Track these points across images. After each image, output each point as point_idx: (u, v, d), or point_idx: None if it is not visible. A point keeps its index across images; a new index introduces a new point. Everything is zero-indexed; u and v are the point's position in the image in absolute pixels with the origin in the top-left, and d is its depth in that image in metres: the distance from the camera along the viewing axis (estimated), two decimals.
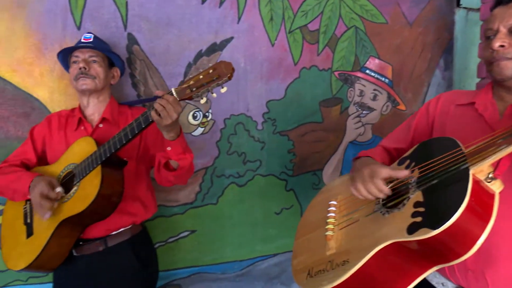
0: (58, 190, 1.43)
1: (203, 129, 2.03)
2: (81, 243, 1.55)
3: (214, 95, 1.31)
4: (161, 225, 2.01)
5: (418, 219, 1.04)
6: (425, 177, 1.08)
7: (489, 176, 1.01)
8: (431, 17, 2.36)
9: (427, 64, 2.40)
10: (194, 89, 1.27)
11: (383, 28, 2.26)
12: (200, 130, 2.02)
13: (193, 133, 2.01)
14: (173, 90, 1.30)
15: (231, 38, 1.97)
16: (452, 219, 0.94)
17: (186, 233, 2.10)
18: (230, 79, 1.25)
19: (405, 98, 2.38)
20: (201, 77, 1.27)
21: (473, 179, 0.98)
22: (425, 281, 1.25)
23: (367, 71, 2.28)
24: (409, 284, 1.09)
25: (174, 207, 2.06)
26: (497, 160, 1.00)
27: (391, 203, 1.16)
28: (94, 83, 1.56)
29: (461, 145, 1.05)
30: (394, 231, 1.07)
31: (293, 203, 2.27)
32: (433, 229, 0.98)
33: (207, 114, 2.02)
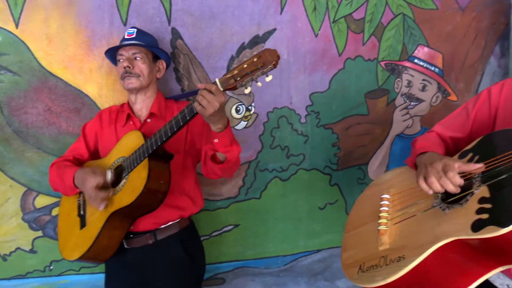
0: (108, 175, 1.46)
1: (246, 122, 2.01)
2: (131, 236, 1.58)
3: (258, 84, 1.28)
4: (205, 219, 2.03)
5: (484, 216, 0.98)
6: (492, 171, 1.01)
7: None
8: (486, 1, 2.21)
9: (481, 51, 2.25)
10: (238, 79, 1.25)
11: (433, 14, 2.14)
12: (243, 124, 2.01)
13: (236, 127, 2.00)
14: (217, 80, 1.29)
15: (274, 29, 1.93)
16: None
17: (229, 227, 2.11)
18: (275, 66, 1.22)
19: (456, 88, 2.25)
20: (245, 66, 1.24)
21: None
22: (487, 282, 1.18)
23: (416, 61, 2.17)
24: (470, 284, 1.03)
25: (217, 201, 2.07)
26: None
27: (452, 198, 1.09)
28: (139, 81, 1.58)
29: None
30: (456, 227, 1.02)
31: (337, 198, 2.22)
32: (501, 227, 0.92)
33: (249, 107, 2.00)
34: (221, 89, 1.27)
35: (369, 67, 2.10)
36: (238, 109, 1.99)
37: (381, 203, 1.26)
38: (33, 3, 1.66)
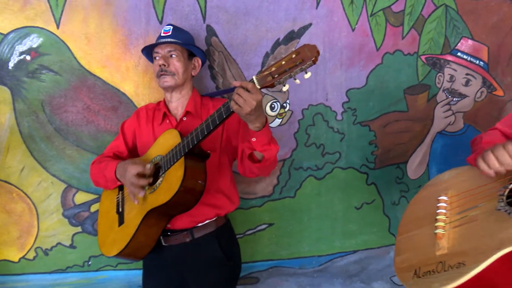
0: (148, 166, 1.47)
1: (281, 120, 1.98)
2: (169, 234, 1.58)
3: (297, 81, 1.24)
4: (239, 218, 2.01)
5: None
6: None
7: None
8: None
9: None
10: (276, 76, 1.22)
11: (478, 4, 2.03)
12: (277, 121, 1.98)
13: (270, 125, 1.97)
14: (254, 77, 1.26)
15: (309, 24, 1.88)
16: None
17: (263, 226, 2.09)
18: (314, 63, 1.17)
19: (503, 82, 2.13)
20: (284, 62, 1.21)
21: None
22: None
23: (459, 54, 2.07)
24: None
25: (251, 199, 2.05)
26: None
27: None
28: (174, 79, 1.58)
29: None
30: None
31: (374, 198, 2.15)
32: None
33: (284, 104, 1.97)
34: (258, 86, 1.24)
35: (408, 62, 2.02)
36: (272, 106, 1.96)
37: (438, 205, 1.20)
38: (73, 3, 1.70)
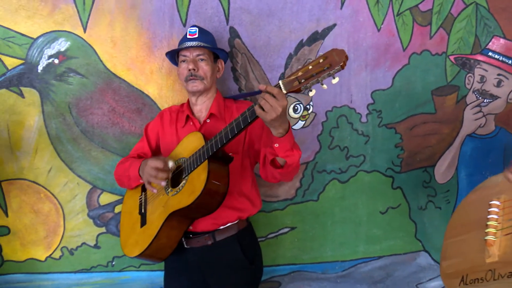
0: (170, 163, 1.47)
1: (304, 122, 1.95)
2: (191, 236, 1.58)
3: (324, 86, 1.22)
4: (261, 221, 2.00)
5: None
6: None
7: None
8: None
9: None
10: (302, 81, 1.20)
11: (510, 2, 1.95)
12: (300, 123, 1.95)
13: (293, 127, 1.94)
14: (280, 82, 1.24)
15: (334, 25, 1.85)
16: None
17: (286, 230, 2.06)
18: (343, 68, 1.16)
19: None
20: (311, 67, 1.19)
21: None
22: None
23: (490, 53, 1.99)
24: None
25: (274, 202, 2.03)
26: None
27: None
28: (203, 84, 1.57)
29: None
30: None
31: (400, 202, 2.10)
32: None
33: (308, 106, 1.94)
34: (284, 91, 1.23)
35: (436, 62, 1.96)
36: (295, 108, 1.94)
37: (489, 210, 1.15)
38: (100, 7, 1.72)
